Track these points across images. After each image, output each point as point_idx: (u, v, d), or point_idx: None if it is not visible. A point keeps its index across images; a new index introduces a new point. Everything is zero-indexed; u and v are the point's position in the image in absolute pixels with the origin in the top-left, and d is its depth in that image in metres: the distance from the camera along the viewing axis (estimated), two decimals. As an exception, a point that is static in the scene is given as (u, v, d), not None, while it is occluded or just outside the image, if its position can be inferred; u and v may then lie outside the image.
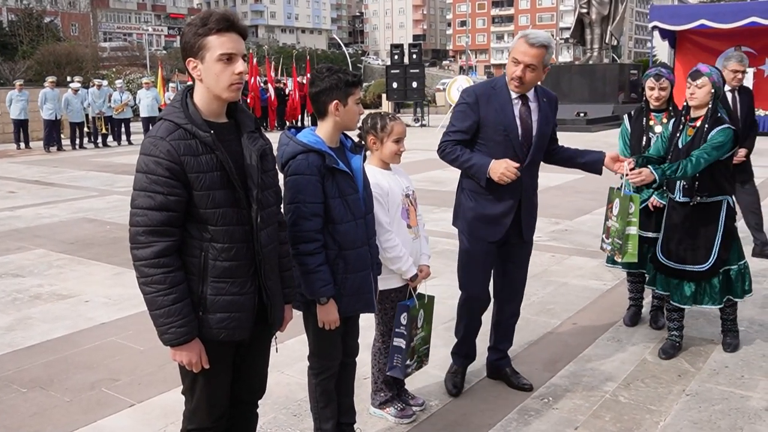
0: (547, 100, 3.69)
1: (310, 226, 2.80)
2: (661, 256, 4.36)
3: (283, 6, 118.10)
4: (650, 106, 4.66)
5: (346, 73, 2.91)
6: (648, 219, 4.61)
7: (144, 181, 2.25)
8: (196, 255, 2.34)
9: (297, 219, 2.80)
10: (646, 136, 4.62)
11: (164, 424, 3.60)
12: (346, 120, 2.92)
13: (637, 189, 4.47)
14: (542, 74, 3.55)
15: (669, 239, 4.32)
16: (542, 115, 3.64)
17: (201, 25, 2.28)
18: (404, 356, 3.35)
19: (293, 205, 2.81)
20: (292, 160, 2.84)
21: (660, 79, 4.58)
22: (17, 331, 5.03)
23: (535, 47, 3.44)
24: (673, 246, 4.28)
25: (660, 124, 4.61)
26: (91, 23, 65.34)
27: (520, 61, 3.47)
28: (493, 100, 3.60)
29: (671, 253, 4.29)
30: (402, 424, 3.57)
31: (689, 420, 3.57)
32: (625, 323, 4.91)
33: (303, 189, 2.80)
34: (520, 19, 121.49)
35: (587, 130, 21.17)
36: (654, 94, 4.59)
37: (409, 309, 3.35)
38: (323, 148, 2.86)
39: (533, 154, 3.63)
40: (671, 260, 4.30)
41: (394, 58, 25.27)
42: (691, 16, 20.04)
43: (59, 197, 11.08)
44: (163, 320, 2.29)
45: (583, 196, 10.07)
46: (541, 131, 3.64)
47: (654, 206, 4.57)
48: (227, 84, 2.32)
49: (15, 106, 18.48)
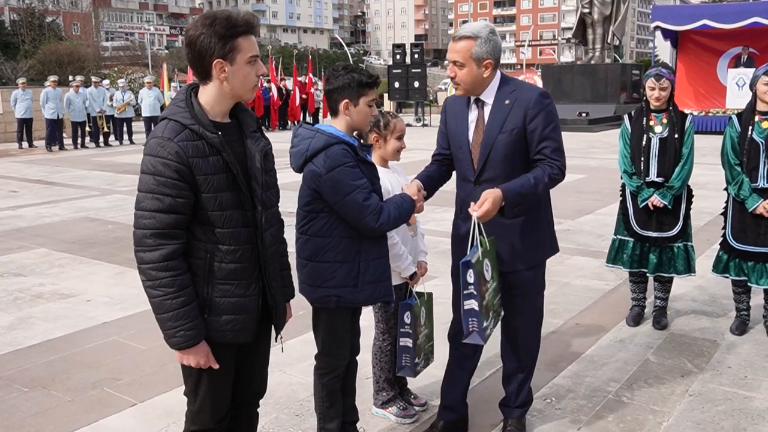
0: (513, 101, 3.02)
1: (375, 201, 2.78)
2: (735, 243, 4.57)
3: (285, 6, 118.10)
4: (650, 107, 4.63)
5: (361, 73, 2.89)
6: (648, 218, 4.62)
7: (151, 182, 2.22)
8: (202, 257, 2.33)
9: (363, 202, 2.75)
10: (646, 135, 4.59)
11: (166, 424, 3.59)
12: (356, 120, 2.91)
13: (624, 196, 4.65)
14: (480, 70, 2.99)
15: (744, 226, 4.52)
16: (495, 120, 3.03)
17: (229, 26, 2.25)
18: (412, 355, 3.33)
19: (352, 194, 2.75)
20: (323, 152, 2.78)
21: (660, 79, 4.54)
22: (19, 331, 5.03)
23: (457, 40, 3.00)
24: (750, 231, 4.49)
25: (660, 124, 4.58)
26: (93, 23, 65.38)
27: (448, 59, 3.07)
28: (454, 107, 3.21)
29: (747, 237, 4.51)
30: (404, 423, 3.57)
31: (692, 421, 3.56)
32: (628, 324, 4.90)
33: (353, 175, 2.76)
34: (522, 19, 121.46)
35: (589, 130, 21.17)
36: (654, 94, 4.55)
37: (412, 308, 3.32)
38: (352, 141, 2.87)
39: (488, 168, 3.04)
40: (748, 244, 4.51)
41: (396, 57, 25.23)
42: (694, 16, 20.02)
43: (61, 196, 11.08)
44: (171, 324, 2.27)
45: (585, 196, 10.06)
46: (487, 140, 3.04)
47: (653, 205, 4.56)
48: (252, 85, 2.34)
49: (20, 105, 18.49)
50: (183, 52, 9.34)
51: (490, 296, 2.98)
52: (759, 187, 4.41)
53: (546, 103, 3.03)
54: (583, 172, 12.31)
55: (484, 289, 2.90)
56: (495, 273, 3.04)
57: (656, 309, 4.92)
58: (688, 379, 4.04)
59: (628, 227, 4.72)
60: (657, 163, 4.55)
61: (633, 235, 4.70)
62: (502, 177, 3.01)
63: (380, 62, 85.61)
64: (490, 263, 2.98)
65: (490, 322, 2.96)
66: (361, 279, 2.89)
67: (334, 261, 2.88)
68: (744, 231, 4.52)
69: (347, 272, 2.89)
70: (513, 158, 3.02)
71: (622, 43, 33.09)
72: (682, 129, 4.55)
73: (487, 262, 2.95)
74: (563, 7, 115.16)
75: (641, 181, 4.60)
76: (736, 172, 4.48)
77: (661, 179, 4.55)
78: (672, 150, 4.52)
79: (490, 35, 2.99)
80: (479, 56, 2.97)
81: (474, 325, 2.85)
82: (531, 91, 3.06)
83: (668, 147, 4.53)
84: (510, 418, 3.41)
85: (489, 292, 2.95)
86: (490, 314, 2.96)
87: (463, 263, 2.82)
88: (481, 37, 2.97)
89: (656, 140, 4.56)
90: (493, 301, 3.03)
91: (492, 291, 2.99)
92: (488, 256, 2.97)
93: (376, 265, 2.93)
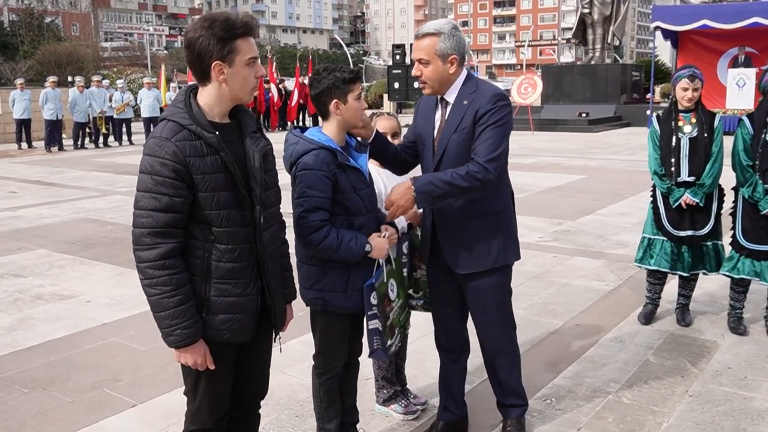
0: (470, 101, 3.01)
1: (316, 217, 2.79)
2: (747, 243, 4.59)
3: (285, 6, 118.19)
4: (678, 107, 4.63)
5: (342, 70, 2.90)
6: (681, 218, 4.65)
7: (149, 182, 2.24)
8: (199, 256, 2.33)
9: (302, 212, 2.79)
10: (675, 136, 4.61)
11: (166, 425, 3.59)
12: (348, 117, 2.92)
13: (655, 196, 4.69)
14: (446, 66, 2.99)
15: (756, 226, 4.55)
16: (452, 119, 3.04)
17: (227, 28, 2.25)
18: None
19: (301, 199, 2.80)
20: (302, 158, 2.83)
21: (694, 80, 4.54)
22: (19, 332, 5.03)
23: (420, 38, 2.99)
24: (762, 231, 4.53)
25: (689, 124, 4.61)
26: (92, 23, 65.38)
27: (414, 58, 3.05)
28: (425, 107, 3.21)
29: (760, 237, 4.54)
30: (406, 420, 3.59)
31: (692, 421, 3.56)
32: (639, 321, 4.91)
33: (311, 183, 2.79)
34: (521, 19, 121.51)
35: (589, 130, 21.17)
36: (687, 95, 4.55)
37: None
38: (333, 146, 2.87)
39: (443, 167, 3.03)
40: (762, 243, 4.54)
41: (396, 58, 25.24)
42: (694, 16, 20.02)
43: (60, 197, 11.08)
44: (168, 322, 2.28)
45: (585, 196, 10.06)
46: (443, 139, 3.05)
47: (686, 204, 4.58)
48: (251, 87, 2.35)
49: (18, 105, 18.45)
50: (182, 53, 9.35)
51: (395, 314, 3.09)
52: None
53: (498, 105, 2.98)
54: (583, 172, 12.31)
55: (388, 309, 3.02)
56: (401, 291, 3.17)
57: (680, 306, 4.95)
58: (688, 379, 4.04)
59: (660, 227, 4.73)
60: (688, 163, 4.58)
61: (666, 234, 4.71)
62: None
63: (380, 62, 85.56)
64: (395, 282, 3.09)
65: (394, 340, 3.10)
66: (350, 286, 2.91)
67: (323, 265, 2.90)
68: (755, 231, 4.55)
69: (336, 277, 2.90)
70: (466, 158, 2.99)
71: (622, 44, 33.10)
72: (711, 128, 4.58)
73: (392, 282, 3.06)
74: (563, 8, 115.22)
75: (672, 182, 4.62)
76: (749, 173, 4.49)
77: (693, 178, 4.58)
78: (702, 149, 4.56)
79: (453, 30, 2.99)
80: (444, 52, 2.97)
81: (378, 343, 2.98)
82: (488, 91, 3.02)
83: (698, 146, 4.56)
84: (508, 418, 3.40)
85: (394, 311, 3.07)
86: (396, 332, 3.12)
87: (366, 286, 2.90)
88: (444, 33, 2.96)
89: (686, 140, 4.58)
90: (399, 318, 3.15)
91: (398, 309, 3.12)
92: (393, 275, 3.08)
93: (367, 273, 2.93)
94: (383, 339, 2.99)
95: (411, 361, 3.89)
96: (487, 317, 3.21)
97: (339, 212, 2.86)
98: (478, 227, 3.09)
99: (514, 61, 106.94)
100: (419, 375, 4.04)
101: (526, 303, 5.35)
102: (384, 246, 2.91)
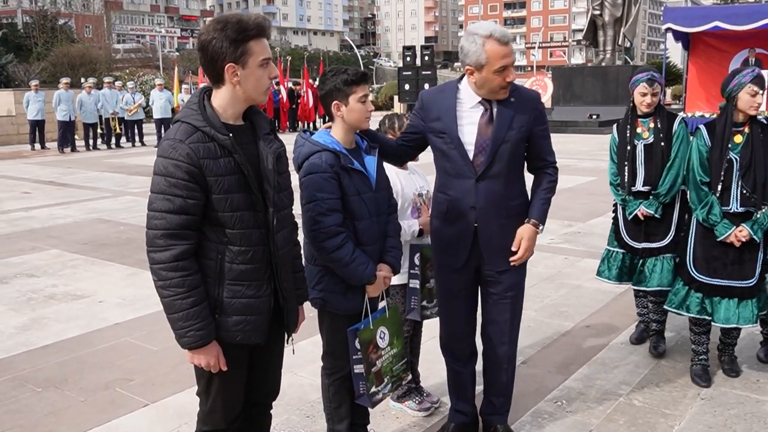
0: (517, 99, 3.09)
1: (331, 221, 2.80)
2: (698, 274, 3.96)
3: (295, 8, 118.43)
4: (637, 113, 4.27)
5: (347, 72, 2.91)
6: (638, 228, 4.30)
7: (163, 184, 2.25)
8: (213, 258, 2.34)
9: (316, 216, 2.80)
10: (630, 145, 4.25)
11: (178, 425, 3.61)
12: (350, 119, 2.92)
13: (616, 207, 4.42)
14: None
15: (709, 256, 3.91)
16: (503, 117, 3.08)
17: (240, 30, 2.26)
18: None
19: (312, 204, 2.81)
20: (307, 160, 2.86)
21: (653, 84, 4.16)
22: (32, 331, 5.07)
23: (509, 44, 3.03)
24: (717, 262, 3.89)
25: (647, 129, 4.25)
26: (105, 25, 65.62)
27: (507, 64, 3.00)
28: (437, 103, 3.18)
29: (714, 269, 3.90)
30: (419, 418, 3.63)
31: (704, 424, 3.54)
32: (631, 341, 4.62)
33: (319, 186, 2.80)
34: (532, 21, 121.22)
35: (600, 132, 21.09)
36: (646, 100, 4.17)
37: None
38: (337, 148, 2.88)
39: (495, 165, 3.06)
40: (716, 277, 3.90)
41: (406, 60, 25.21)
42: (705, 17, 19.86)
43: (73, 198, 11.15)
44: (181, 323, 2.29)
45: (595, 198, 10.02)
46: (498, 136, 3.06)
47: (643, 215, 4.23)
48: (265, 88, 2.37)
49: (32, 106, 18.63)
50: (194, 55, 9.23)
51: (386, 362, 3.07)
52: (731, 211, 3.84)
53: (543, 105, 3.27)
54: (593, 174, 12.27)
55: (375, 356, 3.01)
56: (397, 340, 3.14)
57: (653, 333, 4.53)
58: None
59: (619, 238, 4.41)
60: (644, 171, 4.22)
61: (624, 246, 4.38)
62: (504, 173, 3.08)
63: (390, 64, 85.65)
64: (388, 330, 3.08)
65: (382, 388, 3.06)
66: (350, 289, 2.92)
67: (324, 265, 2.92)
68: (708, 261, 3.92)
69: (338, 279, 2.92)
70: (519, 154, 3.14)
71: (633, 45, 32.98)
72: (669, 133, 4.18)
73: (383, 330, 3.05)
74: (574, 9, 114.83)
75: (626, 193, 4.28)
76: (703, 192, 3.89)
77: (648, 188, 4.22)
78: (659, 156, 4.16)
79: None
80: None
81: (363, 387, 2.98)
82: (529, 90, 3.24)
83: (654, 153, 4.18)
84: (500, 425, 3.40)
85: (384, 358, 3.06)
86: (385, 380, 3.07)
87: (349, 331, 2.94)
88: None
89: (641, 147, 4.22)
90: (391, 367, 3.11)
91: (390, 357, 3.10)
92: (386, 323, 3.07)
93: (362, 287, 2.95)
94: (366, 384, 2.97)
95: (422, 362, 3.90)
96: (512, 311, 3.26)
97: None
98: (514, 225, 3.19)
99: (524, 62, 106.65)
100: (430, 376, 4.04)
101: (537, 305, 5.35)
102: (380, 286, 2.95)
